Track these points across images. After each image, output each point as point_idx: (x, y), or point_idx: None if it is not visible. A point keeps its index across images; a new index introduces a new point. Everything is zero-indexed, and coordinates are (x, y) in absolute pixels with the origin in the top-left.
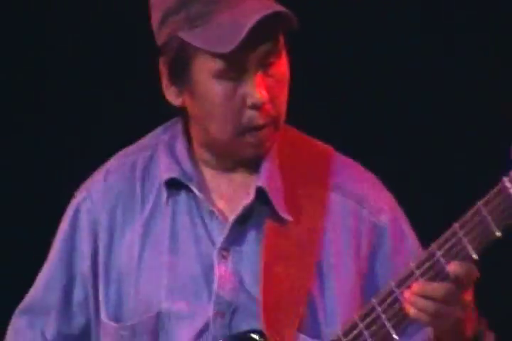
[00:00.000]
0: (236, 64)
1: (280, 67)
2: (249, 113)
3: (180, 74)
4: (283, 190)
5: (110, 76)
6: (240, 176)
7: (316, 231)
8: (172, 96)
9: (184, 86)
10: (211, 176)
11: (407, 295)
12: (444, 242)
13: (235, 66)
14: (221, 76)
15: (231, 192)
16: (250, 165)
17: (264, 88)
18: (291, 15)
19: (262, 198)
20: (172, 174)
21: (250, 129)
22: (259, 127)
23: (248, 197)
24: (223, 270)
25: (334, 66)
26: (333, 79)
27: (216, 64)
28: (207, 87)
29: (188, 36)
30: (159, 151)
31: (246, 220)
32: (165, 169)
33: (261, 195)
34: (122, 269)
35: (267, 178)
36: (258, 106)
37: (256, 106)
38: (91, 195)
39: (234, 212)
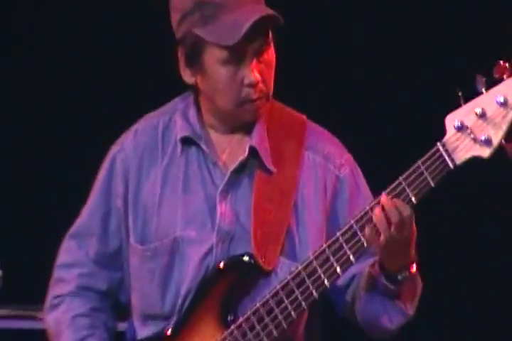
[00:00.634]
0: (236, 53)
1: (269, 55)
2: (246, 90)
3: (194, 60)
4: (269, 148)
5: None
6: (238, 136)
7: (294, 179)
8: (187, 76)
9: (197, 69)
10: (215, 136)
11: (377, 211)
12: (392, 190)
13: (236, 55)
14: (225, 62)
15: (230, 148)
16: (245, 128)
17: (257, 71)
18: (278, 16)
19: (254, 154)
20: (185, 133)
21: (247, 101)
22: (253, 100)
23: (243, 154)
24: (223, 207)
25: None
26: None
27: (222, 53)
28: (215, 70)
29: (201, 32)
30: (176, 116)
31: (241, 170)
32: (180, 129)
33: (253, 152)
34: (147, 204)
35: (258, 139)
36: (253, 85)
37: (251, 85)
38: (124, 148)
39: (232, 164)
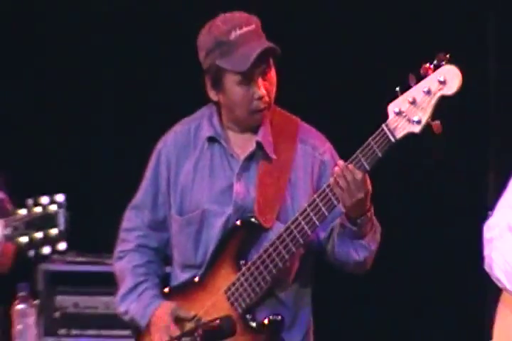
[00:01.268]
0: (247, 76)
1: (271, 75)
2: (255, 102)
3: (217, 83)
4: (271, 142)
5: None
6: (248, 135)
7: (288, 164)
8: (212, 95)
9: (219, 89)
10: (231, 135)
11: (337, 169)
12: (352, 160)
13: (247, 77)
14: (240, 83)
15: (242, 144)
16: (253, 128)
17: (263, 88)
18: (276, 47)
19: (259, 147)
20: (210, 134)
21: (257, 111)
22: (261, 110)
23: (252, 147)
24: (238, 186)
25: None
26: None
27: (237, 77)
28: (232, 90)
29: (221, 63)
30: (203, 121)
31: (250, 159)
32: (206, 131)
33: (259, 145)
34: (183, 186)
35: (262, 136)
36: (260, 98)
37: (259, 98)
38: (166, 145)
39: (243, 155)
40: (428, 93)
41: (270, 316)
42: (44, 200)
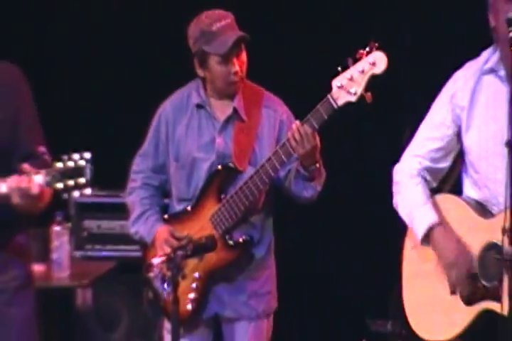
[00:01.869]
0: (226, 57)
1: (243, 57)
2: (232, 76)
3: (203, 63)
4: (243, 107)
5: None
6: (226, 102)
7: (256, 123)
8: (200, 72)
9: (204, 67)
10: (214, 102)
11: (293, 126)
12: (305, 121)
13: (225, 58)
14: (220, 63)
15: (222, 109)
16: (230, 97)
17: (237, 66)
18: (246, 35)
19: (235, 111)
20: (198, 101)
21: (233, 83)
22: (236, 82)
23: (229, 111)
24: (219, 140)
25: None
26: None
27: (218, 58)
28: (215, 68)
29: (206, 48)
30: (192, 92)
31: (228, 120)
32: (195, 99)
33: (234, 110)
34: (178, 139)
35: (237, 102)
36: (235, 73)
37: (235, 73)
38: (165, 109)
39: (223, 117)
40: (362, 72)
41: (243, 236)
42: (75, 156)
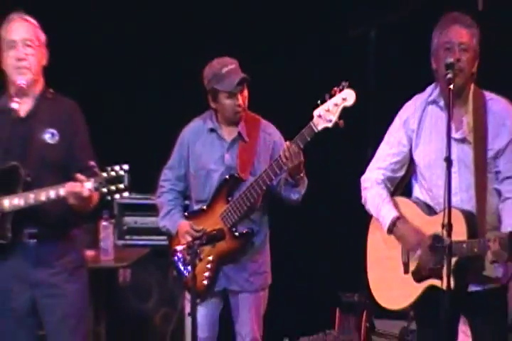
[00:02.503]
0: (232, 93)
1: (245, 93)
2: (236, 108)
3: (214, 97)
4: (245, 131)
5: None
6: (232, 127)
7: (255, 144)
8: (212, 104)
9: (216, 101)
10: (223, 127)
11: (284, 146)
12: (293, 142)
13: (232, 94)
14: (228, 97)
15: (229, 132)
16: (235, 123)
17: (241, 100)
18: (247, 77)
19: (239, 134)
20: (211, 126)
21: (237, 113)
22: (239, 112)
23: (235, 134)
24: (227, 155)
25: None
26: None
27: (226, 94)
28: (224, 102)
29: (217, 86)
30: (206, 118)
31: (234, 141)
32: (208, 125)
33: (239, 133)
34: (196, 155)
35: (240, 128)
36: (239, 106)
37: (239, 106)
38: (186, 132)
39: (230, 138)
40: (336, 105)
41: (246, 229)
42: (117, 168)
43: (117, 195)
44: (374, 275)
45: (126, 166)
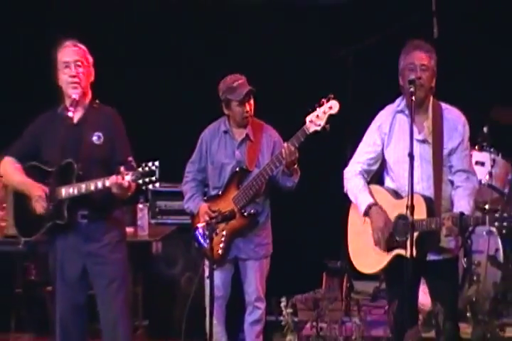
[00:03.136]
0: (241, 102)
1: (251, 102)
2: (245, 114)
3: (227, 106)
4: (252, 133)
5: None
6: (241, 129)
7: (260, 143)
8: (225, 111)
9: (228, 109)
10: (234, 130)
11: (286, 149)
12: (288, 142)
13: (241, 103)
14: (238, 106)
15: (239, 134)
16: (244, 126)
17: (248, 107)
18: (253, 89)
19: (247, 135)
20: (224, 129)
21: (245, 118)
22: (247, 117)
23: (243, 135)
24: (237, 152)
25: None
26: None
27: (237, 103)
28: (235, 109)
29: (230, 96)
30: (221, 124)
31: (243, 141)
32: (222, 127)
33: (247, 135)
34: (212, 152)
35: (248, 130)
36: (247, 112)
37: (247, 113)
38: (205, 134)
39: (240, 138)
40: (324, 112)
41: (253, 210)
42: (149, 164)
43: (150, 186)
44: (353, 246)
45: (157, 162)
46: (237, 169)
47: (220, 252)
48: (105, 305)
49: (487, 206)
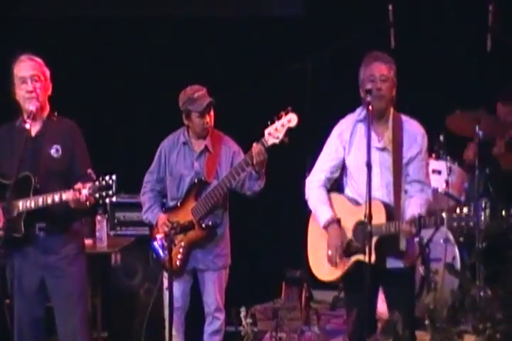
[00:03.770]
0: (201, 113)
1: (211, 113)
2: (205, 125)
3: (187, 116)
4: (211, 144)
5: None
6: (201, 141)
7: (218, 154)
8: (185, 121)
9: (188, 120)
10: (193, 141)
11: (255, 148)
12: (258, 144)
13: (201, 114)
14: (198, 117)
15: (198, 145)
16: (203, 138)
17: (208, 119)
18: (213, 101)
19: (206, 147)
20: (183, 140)
21: (205, 129)
22: (207, 128)
23: (202, 146)
24: (196, 163)
25: None
26: None
27: (197, 114)
28: (195, 120)
29: (190, 108)
30: (180, 134)
31: (202, 152)
32: (182, 139)
33: (206, 146)
34: (171, 163)
35: (207, 142)
36: (207, 124)
37: (206, 123)
38: (164, 145)
39: (199, 150)
40: (282, 125)
41: (211, 222)
42: (106, 177)
43: (107, 200)
44: (313, 254)
45: (114, 176)
46: (195, 180)
47: (179, 263)
48: (63, 318)
49: (444, 214)
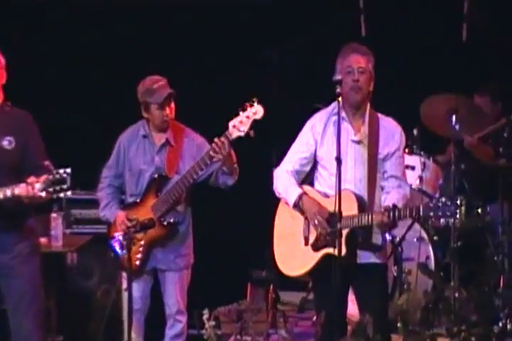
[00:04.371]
0: (161, 105)
1: (172, 105)
2: (165, 118)
3: (146, 109)
4: (172, 137)
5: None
6: (161, 134)
7: (181, 147)
8: (144, 114)
9: (147, 112)
10: (154, 134)
11: (217, 142)
12: (222, 137)
13: (161, 106)
14: (158, 109)
15: (159, 138)
16: (164, 131)
17: (168, 111)
18: (174, 92)
19: (167, 140)
20: (143, 133)
21: (165, 121)
22: (167, 121)
23: (163, 140)
24: (157, 158)
25: None
26: None
27: (156, 106)
28: (154, 112)
29: (149, 99)
30: (140, 127)
31: (163, 146)
32: (141, 132)
33: (167, 139)
34: (130, 158)
35: (168, 134)
36: (167, 116)
37: (166, 116)
38: (123, 138)
39: (159, 143)
40: (248, 117)
41: (172, 219)
42: (61, 171)
43: (61, 194)
44: (279, 249)
45: (68, 169)
46: (155, 176)
47: (138, 263)
48: (17, 321)
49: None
